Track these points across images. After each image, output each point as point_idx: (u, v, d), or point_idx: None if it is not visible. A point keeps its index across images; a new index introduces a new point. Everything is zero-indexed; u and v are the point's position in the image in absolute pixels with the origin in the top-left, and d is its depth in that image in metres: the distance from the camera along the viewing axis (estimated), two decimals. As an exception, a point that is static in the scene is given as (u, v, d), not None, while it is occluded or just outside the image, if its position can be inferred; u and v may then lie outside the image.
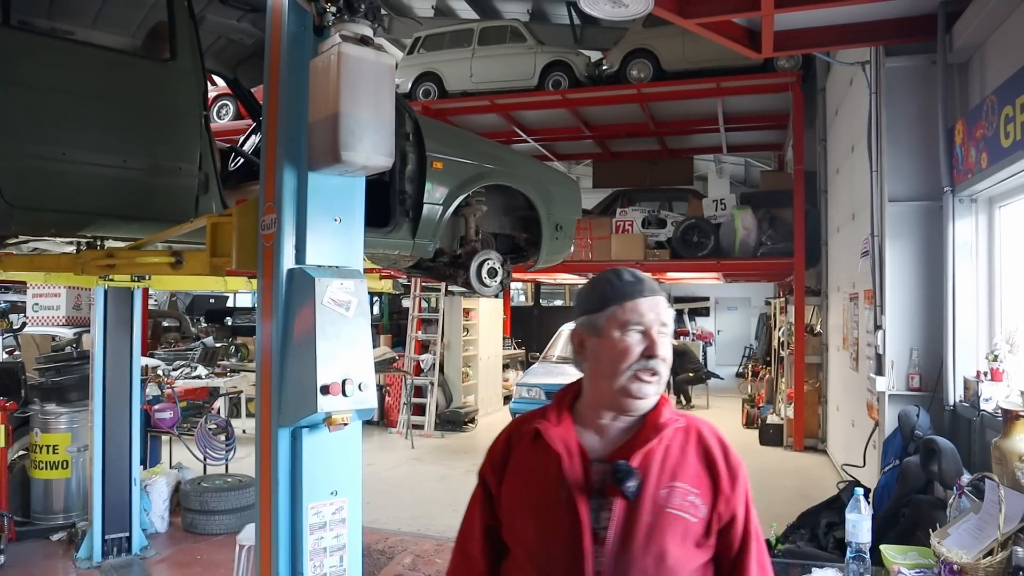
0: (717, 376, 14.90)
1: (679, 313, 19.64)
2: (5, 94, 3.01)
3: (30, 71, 3.09)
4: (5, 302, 13.24)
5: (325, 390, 2.67)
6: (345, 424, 2.79)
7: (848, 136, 7.71)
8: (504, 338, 14.34)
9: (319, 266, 2.83)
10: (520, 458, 1.68)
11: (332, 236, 2.88)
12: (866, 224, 5.66)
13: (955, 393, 4.66)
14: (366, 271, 4.48)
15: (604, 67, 11.05)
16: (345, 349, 2.75)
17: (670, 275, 13.31)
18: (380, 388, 11.52)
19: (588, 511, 1.54)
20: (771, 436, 10.19)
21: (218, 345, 11.49)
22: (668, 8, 4.47)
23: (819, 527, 4.68)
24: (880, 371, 5.13)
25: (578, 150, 14.49)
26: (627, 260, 10.98)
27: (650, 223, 11.17)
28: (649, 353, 1.57)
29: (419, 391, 11.16)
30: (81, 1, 3.93)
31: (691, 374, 13.50)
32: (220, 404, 9.77)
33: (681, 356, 13.38)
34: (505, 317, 14.58)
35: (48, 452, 6.06)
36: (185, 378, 9.64)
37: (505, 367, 14.19)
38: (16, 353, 7.96)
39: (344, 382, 2.72)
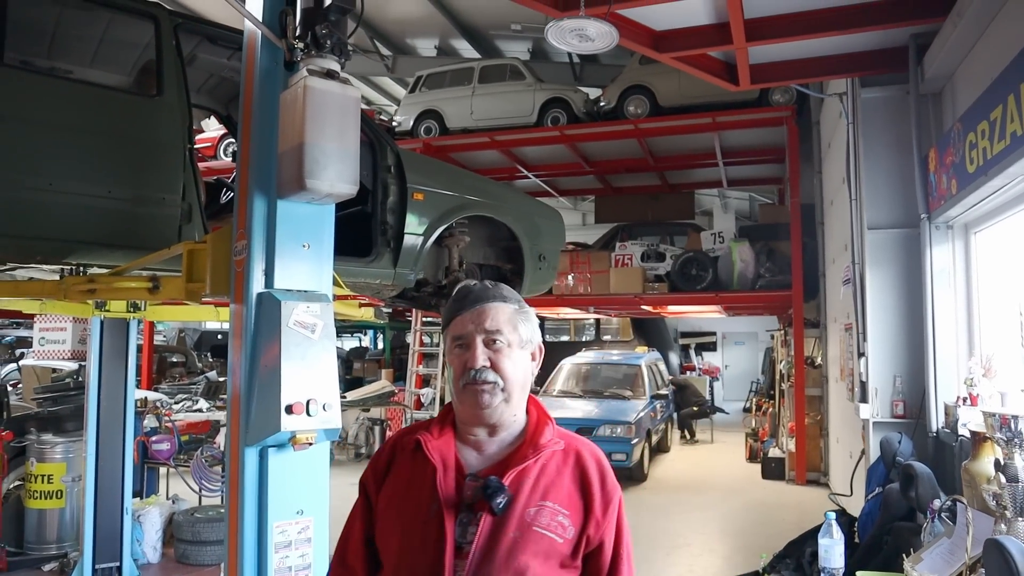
0: (722, 411, 14.81)
1: (684, 348, 19.63)
2: (-6, 127, 3.14)
3: (18, 106, 3.23)
4: (13, 336, 13.49)
5: (289, 410, 2.74)
6: (310, 444, 2.84)
7: (839, 168, 7.78)
8: (508, 372, 14.32)
9: (287, 290, 2.91)
10: (400, 469, 1.67)
11: (300, 261, 2.96)
12: (854, 254, 5.71)
13: (937, 419, 4.65)
14: (349, 298, 4.59)
15: (602, 103, 11.24)
16: (310, 370, 2.82)
17: (671, 308, 13.36)
18: (381, 422, 11.54)
19: (454, 525, 1.53)
20: (773, 470, 10.11)
21: (222, 379, 11.59)
22: (643, 43, 4.60)
23: (804, 556, 4.66)
24: (864, 398, 5.14)
25: (580, 185, 14.66)
26: (625, 293, 11.05)
27: (649, 257, 11.25)
28: (469, 365, 1.58)
29: (420, 425, 11.16)
30: (78, 43, 4.11)
31: (694, 408, 13.44)
32: (221, 437, 9.81)
33: (683, 390, 13.35)
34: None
35: (43, 482, 6.12)
36: (187, 411, 9.74)
37: (508, 401, 14.17)
38: (19, 385, 8.10)
39: (308, 402, 2.78)
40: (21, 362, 8.83)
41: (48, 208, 3.26)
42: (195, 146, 3.75)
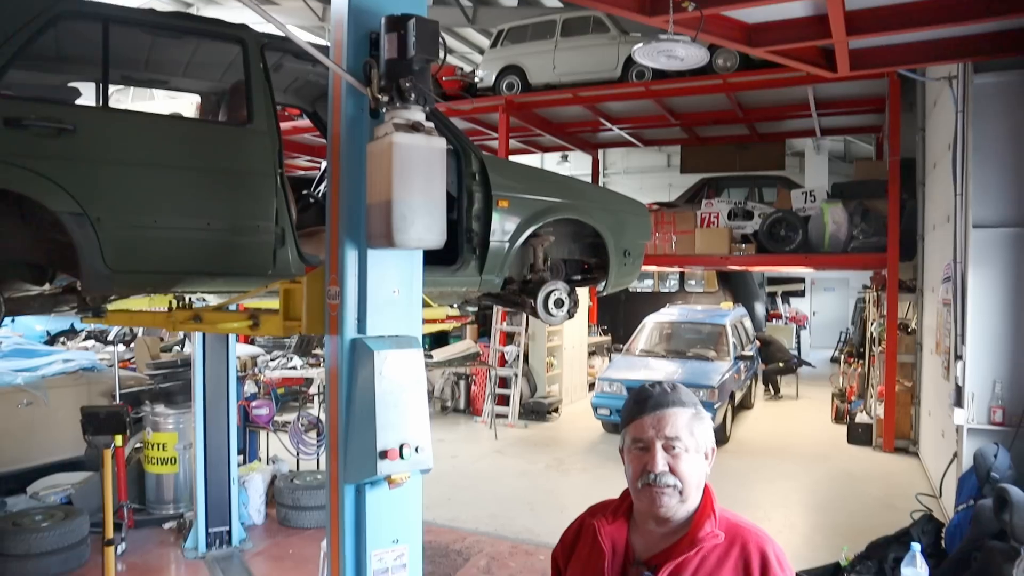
0: (808, 364, 14.53)
1: (771, 295, 19.15)
2: (106, 173, 3.32)
3: (125, 149, 3.39)
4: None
5: (383, 455, 2.88)
6: (404, 481, 3.01)
7: (946, 132, 7.30)
8: (589, 326, 14.41)
9: (379, 337, 3.01)
10: (582, 547, 1.86)
11: (391, 307, 3.06)
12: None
13: (1039, 431, 4.47)
14: (437, 321, 4.67)
15: (690, 55, 10.79)
16: (402, 416, 2.94)
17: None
18: (466, 378, 11.87)
19: None
20: (860, 435, 9.93)
21: (314, 335, 12.09)
22: (735, 38, 4.38)
23: (886, 561, 4.64)
24: (959, 403, 4.96)
25: (665, 136, 14.26)
26: (711, 255, 10.83)
27: (736, 215, 10.94)
28: (648, 468, 1.70)
29: (504, 382, 11.43)
30: (171, 73, 4.26)
31: (780, 364, 13.23)
32: (314, 389, 10.20)
33: (768, 346, 13.13)
34: (591, 304, 14.60)
35: (158, 449, 6.66)
36: (282, 368, 10.27)
37: (591, 354, 14.28)
38: (132, 360, 8.72)
39: (401, 447, 2.92)
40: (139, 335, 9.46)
41: (154, 244, 3.44)
42: (285, 171, 3.84)
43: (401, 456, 2.92)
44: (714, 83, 10.32)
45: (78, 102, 3.74)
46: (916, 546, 3.51)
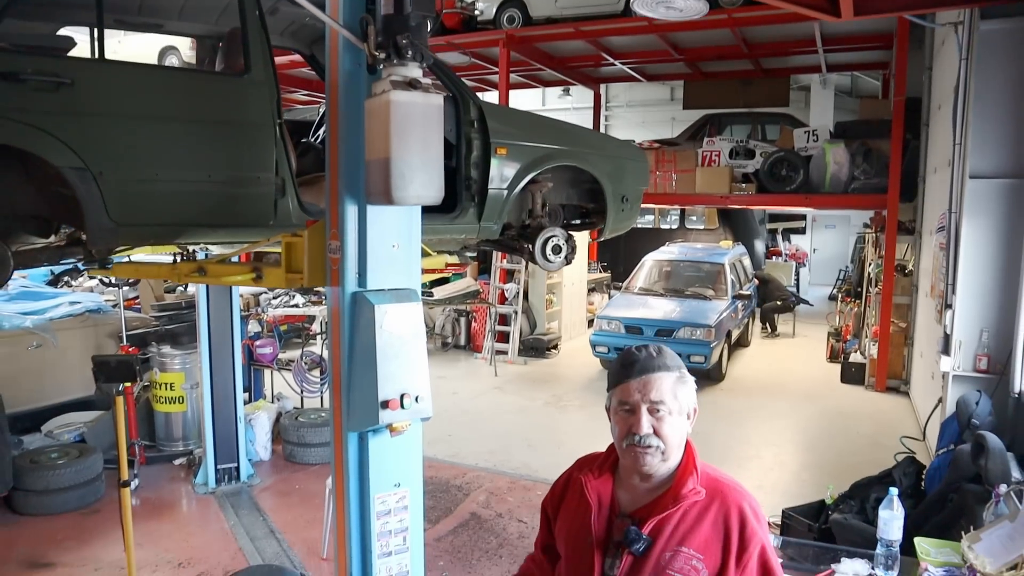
0: (806, 302, 14.65)
1: (772, 232, 19.16)
2: (106, 127, 3.33)
3: (124, 102, 3.39)
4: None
5: (385, 405, 3.00)
6: (405, 429, 3.14)
7: (952, 74, 7.20)
8: (589, 263, 14.47)
9: (379, 290, 3.09)
10: (571, 499, 1.98)
11: (390, 262, 3.12)
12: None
13: (1022, 379, 4.58)
14: (437, 271, 4.75)
15: (694, -11, 10.54)
16: (402, 368, 3.04)
17: (759, 204, 13.01)
18: (466, 315, 12.01)
19: (602, 561, 1.82)
20: (853, 375, 10.11)
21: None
22: (737, -17, 4.30)
23: (868, 501, 4.82)
24: (947, 351, 5.07)
25: (669, 71, 14.04)
26: (712, 194, 10.81)
27: (738, 154, 10.88)
28: (634, 430, 1.79)
29: (503, 319, 11.57)
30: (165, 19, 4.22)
31: (778, 302, 13.36)
32: (316, 326, 10.35)
33: (766, 284, 13.23)
34: (592, 241, 14.63)
35: (166, 389, 6.82)
36: (284, 306, 10.40)
37: (591, 291, 14.39)
38: (137, 300, 8.84)
39: (402, 397, 3.04)
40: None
41: (157, 197, 3.48)
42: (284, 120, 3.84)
43: (402, 406, 3.03)
44: (718, 18, 10.10)
45: (73, 52, 3.71)
46: (894, 490, 3.65)
